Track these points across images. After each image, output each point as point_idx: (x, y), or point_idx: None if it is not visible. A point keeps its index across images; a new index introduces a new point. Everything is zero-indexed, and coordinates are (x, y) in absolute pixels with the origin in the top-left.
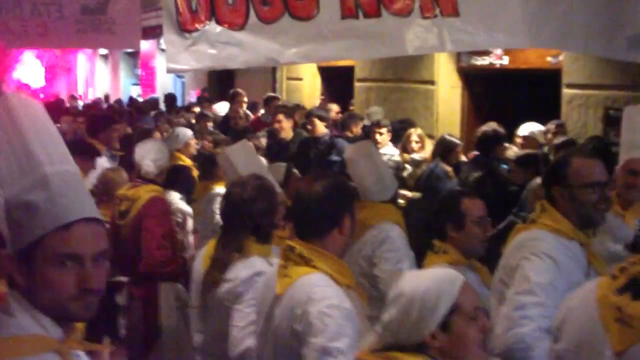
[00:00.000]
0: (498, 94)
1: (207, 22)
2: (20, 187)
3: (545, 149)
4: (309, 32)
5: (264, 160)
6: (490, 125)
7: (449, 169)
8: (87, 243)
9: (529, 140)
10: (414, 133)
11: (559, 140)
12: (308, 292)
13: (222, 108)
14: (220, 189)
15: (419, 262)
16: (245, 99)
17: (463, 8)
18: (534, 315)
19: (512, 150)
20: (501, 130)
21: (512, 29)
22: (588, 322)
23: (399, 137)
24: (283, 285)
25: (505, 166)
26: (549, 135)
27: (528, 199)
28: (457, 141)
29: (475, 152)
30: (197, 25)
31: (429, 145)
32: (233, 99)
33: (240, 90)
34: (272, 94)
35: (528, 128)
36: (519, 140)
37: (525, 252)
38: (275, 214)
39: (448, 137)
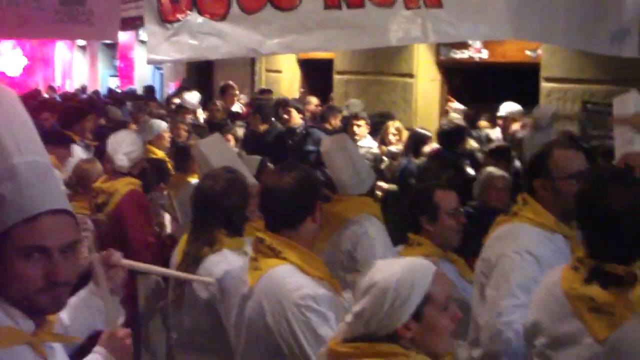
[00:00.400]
0: (477, 87)
1: (189, 12)
2: None
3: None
4: (291, 22)
5: (237, 152)
6: (452, 120)
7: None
8: (54, 235)
9: (508, 120)
10: (392, 126)
11: (520, 134)
12: (279, 284)
13: (192, 97)
14: (195, 181)
15: None
16: (237, 92)
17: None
18: (516, 319)
19: (470, 144)
20: (463, 124)
21: (495, 21)
22: (561, 315)
23: (378, 130)
24: (254, 277)
25: (468, 161)
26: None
27: (475, 188)
28: (429, 134)
29: (437, 146)
30: (178, 16)
31: None
32: (224, 92)
33: (231, 82)
34: (228, 82)
35: (507, 108)
36: (498, 121)
37: (505, 248)
38: (246, 207)
39: (419, 131)
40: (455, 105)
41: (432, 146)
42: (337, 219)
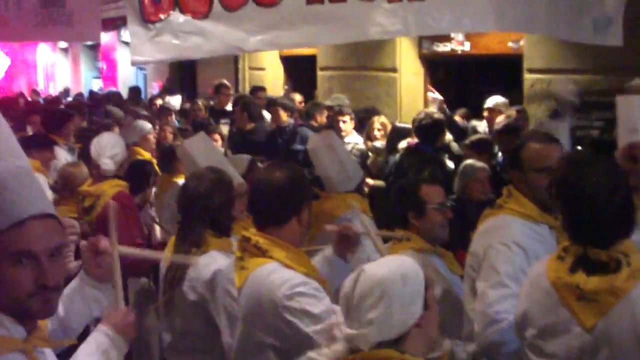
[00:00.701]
0: (461, 80)
1: (171, 11)
2: None
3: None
4: (274, 18)
5: (224, 151)
6: (429, 114)
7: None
8: (41, 239)
9: (494, 112)
10: (377, 121)
11: (499, 126)
12: (267, 281)
13: (174, 101)
14: (182, 181)
15: None
16: (231, 91)
17: None
18: (508, 309)
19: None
20: (440, 117)
21: (477, 13)
22: (549, 305)
23: (364, 125)
24: (241, 277)
25: (445, 154)
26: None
27: (456, 181)
28: (408, 126)
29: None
30: (160, 16)
31: None
32: (218, 91)
33: (225, 81)
34: (222, 81)
35: (493, 100)
36: (485, 113)
37: (492, 240)
38: (232, 207)
39: (400, 125)
40: (435, 95)
41: (408, 140)
42: (326, 217)
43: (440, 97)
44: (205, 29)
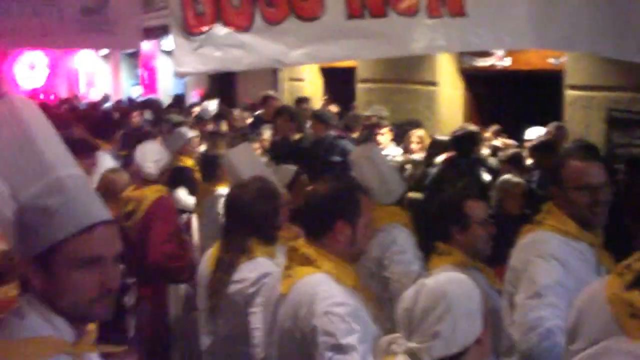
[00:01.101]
0: (500, 95)
1: (213, 24)
2: (34, 192)
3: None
4: (314, 32)
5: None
6: (464, 126)
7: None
8: (108, 245)
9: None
10: (414, 134)
11: (535, 141)
12: (311, 292)
13: (212, 106)
14: (223, 189)
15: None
16: (278, 103)
17: (470, 8)
18: (547, 315)
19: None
20: (477, 130)
21: (518, 30)
22: (602, 321)
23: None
24: (287, 285)
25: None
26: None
27: (492, 196)
28: (447, 139)
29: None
30: (202, 28)
31: None
32: (265, 102)
33: (272, 92)
34: (269, 93)
35: (534, 133)
36: (527, 144)
37: (530, 255)
38: (276, 216)
39: (439, 138)
40: None
41: (447, 154)
42: None
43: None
44: (246, 42)
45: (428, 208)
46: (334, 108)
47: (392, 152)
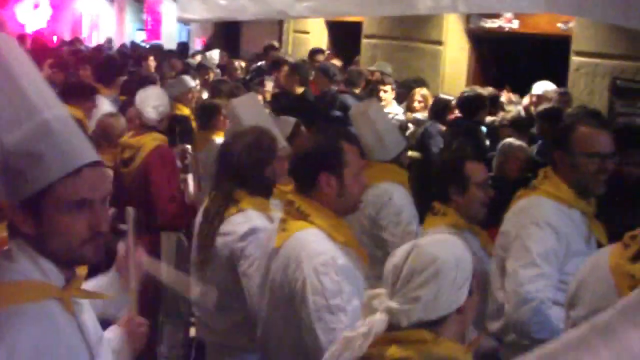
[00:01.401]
0: (506, 58)
1: None
2: (20, 135)
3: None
4: None
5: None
6: (474, 89)
7: (443, 127)
8: (96, 187)
9: (541, 98)
10: (418, 92)
11: (541, 108)
12: (302, 247)
13: (214, 55)
14: (220, 139)
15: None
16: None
17: None
18: (540, 288)
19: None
20: (484, 94)
21: None
22: (603, 289)
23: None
24: (280, 239)
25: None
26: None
27: (494, 160)
28: (451, 98)
29: (457, 115)
30: None
31: None
32: (267, 52)
33: (275, 43)
34: (271, 43)
35: (541, 87)
36: (532, 98)
37: (524, 220)
38: (265, 169)
39: (441, 96)
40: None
41: (455, 115)
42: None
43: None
44: None
45: (427, 168)
46: (337, 62)
47: (395, 109)
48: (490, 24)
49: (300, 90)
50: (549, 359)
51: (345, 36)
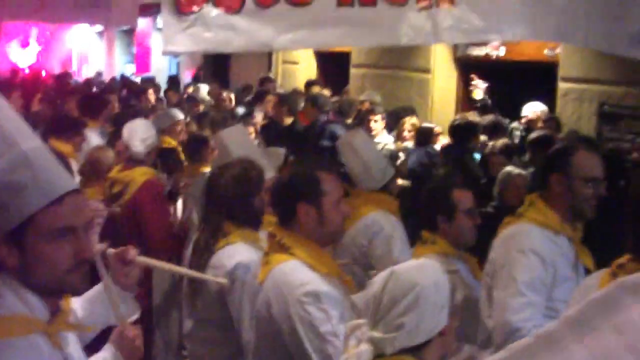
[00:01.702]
0: (494, 85)
1: (204, 4)
2: (0, 168)
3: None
4: (304, 18)
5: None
6: (464, 116)
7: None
8: (78, 214)
9: (532, 121)
10: (408, 122)
11: (533, 136)
12: (284, 280)
13: (204, 89)
14: (208, 171)
15: None
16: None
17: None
18: (528, 317)
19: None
20: (475, 121)
21: (511, 22)
22: None
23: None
24: (263, 273)
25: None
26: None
27: (495, 187)
28: (433, 126)
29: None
30: (194, 8)
31: None
32: (262, 85)
33: (270, 75)
34: (266, 75)
35: (531, 109)
36: (522, 120)
37: (511, 248)
38: (252, 200)
39: (426, 125)
40: (478, 82)
41: (446, 142)
42: (353, 214)
43: (485, 84)
44: (236, 24)
45: (415, 196)
46: (326, 92)
47: (385, 139)
48: (478, 51)
49: (289, 120)
50: None
51: (334, 66)
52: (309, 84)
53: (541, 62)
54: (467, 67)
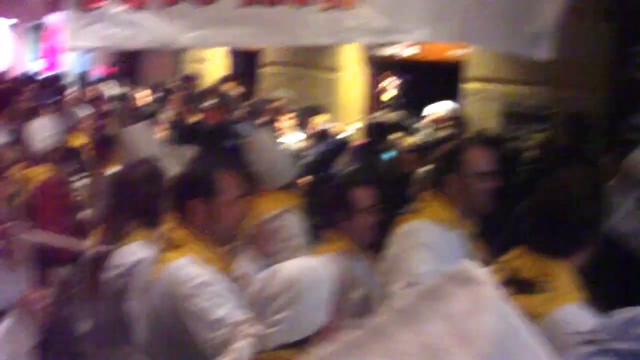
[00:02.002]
0: (403, 84)
1: (108, 0)
2: None
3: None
4: (208, 16)
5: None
6: (377, 116)
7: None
8: None
9: (437, 120)
10: (315, 120)
11: (439, 135)
12: (174, 278)
13: (111, 87)
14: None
15: None
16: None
17: (363, 1)
18: None
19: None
20: (388, 120)
21: (414, 22)
22: None
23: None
24: (154, 272)
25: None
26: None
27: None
28: (330, 125)
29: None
30: (97, 4)
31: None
32: (187, 82)
33: (191, 74)
34: (189, 74)
35: (435, 109)
36: (426, 120)
37: (405, 245)
38: (155, 199)
39: (324, 123)
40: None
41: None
42: (255, 213)
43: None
44: (139, 21)
45: (315, 195)
46: (237, 90)
47: (294, 137)
48: (387, 51)
49: (196, 119)
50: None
51: (245, 64)
52: (223, 81)
53: (449, 61)
54: (378, 66)
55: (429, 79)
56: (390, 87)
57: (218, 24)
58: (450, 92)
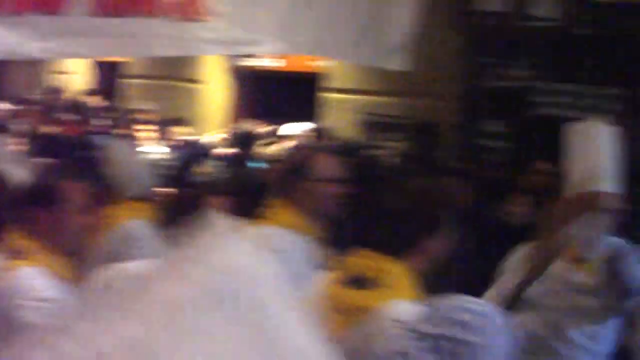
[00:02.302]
0: (266, 94)
1: None
2: None
3: None
4: (54, 26)
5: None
6: (242, 126)
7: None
8: None
9: (289, 139)
10: (176, 130)
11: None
12: (12, 286)
13: None
14: None
15: None
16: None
17: (217, 11)
18: None
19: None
20: (252, 130)
21: (270, 35)
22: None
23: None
24: None
25: (260, 165)
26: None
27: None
28: (194, 138)
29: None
30: None
31: None
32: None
33: (56, 86)
34: (53, 86)
35: (288, 129)
36: (280, 139)
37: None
38: (3, 209)
39: (185, 137)
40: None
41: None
42: (107, 224)
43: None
44: None
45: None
46: (98, 102)
47: (155, 148)
48: (250, 62)
49: (53, 131)
50: None
51: (108, 76)
52: (85, 94)
53: (311, 73)
54: (243, 77)
55: (291, 89)
56: (253, 97)
57: (67, 34)
58: (311, 102)
